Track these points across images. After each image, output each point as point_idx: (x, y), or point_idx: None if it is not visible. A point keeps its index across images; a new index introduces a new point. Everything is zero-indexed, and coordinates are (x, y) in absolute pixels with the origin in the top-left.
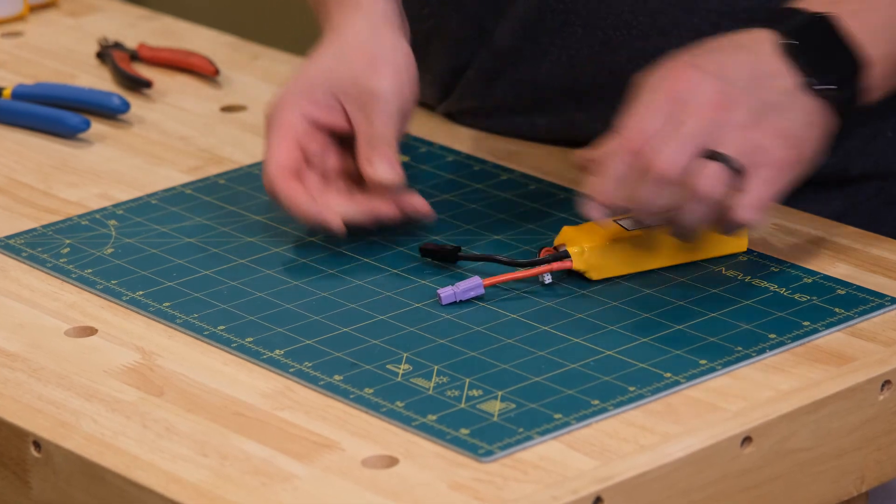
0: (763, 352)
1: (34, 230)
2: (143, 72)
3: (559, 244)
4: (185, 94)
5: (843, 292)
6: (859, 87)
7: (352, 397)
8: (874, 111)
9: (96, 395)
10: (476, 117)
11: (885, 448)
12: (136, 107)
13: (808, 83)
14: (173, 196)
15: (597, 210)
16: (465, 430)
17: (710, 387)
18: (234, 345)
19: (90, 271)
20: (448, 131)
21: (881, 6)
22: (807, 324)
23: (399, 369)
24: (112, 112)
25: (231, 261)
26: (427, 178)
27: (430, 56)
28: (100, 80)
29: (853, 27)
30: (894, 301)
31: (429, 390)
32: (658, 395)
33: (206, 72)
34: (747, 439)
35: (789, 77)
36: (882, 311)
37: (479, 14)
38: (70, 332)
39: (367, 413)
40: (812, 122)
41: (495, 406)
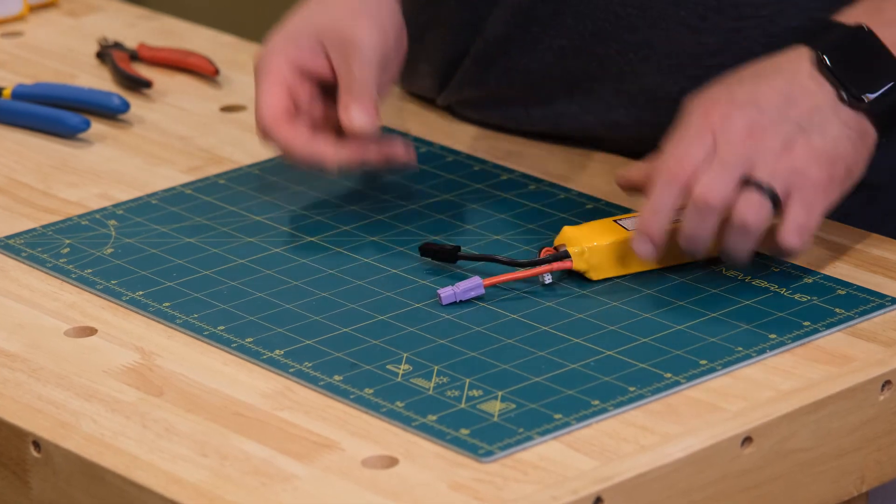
0: (763, 352)
1: (34, 230)
2: (143, 72)
3: (559, 244)
4: (185, 94)
5: (843, 292)
6: (895, 97)
7: (352, 397)
8: None
9: (96, 396)
10: (474, 108)
11: (886, 448)
12: (136, 107)
13: (842, 96)
14: (173, 196)
15: (645, 245)
16: (465, 431)
17: (710, 387)
18: (234, 345)
19: (90, 271)
20: (448, 131)
21: None
22: (807, 324)
23: (399, 369)
24: (112, 112)
25: (231, 261)
26: (427, 178)
27: (428, 46)
28: (100, 80)
29: (887, 38)
30: (895, 301)
31: (429, 390)
32: (658, 396)
33: (205, 72)
34: (748, 439)
35: (823, 94)
36: (882, 311)
37: (473, 2)
38: (70, 333)
39: (367, 413)
40: (849, 136)
41: (495, 406)
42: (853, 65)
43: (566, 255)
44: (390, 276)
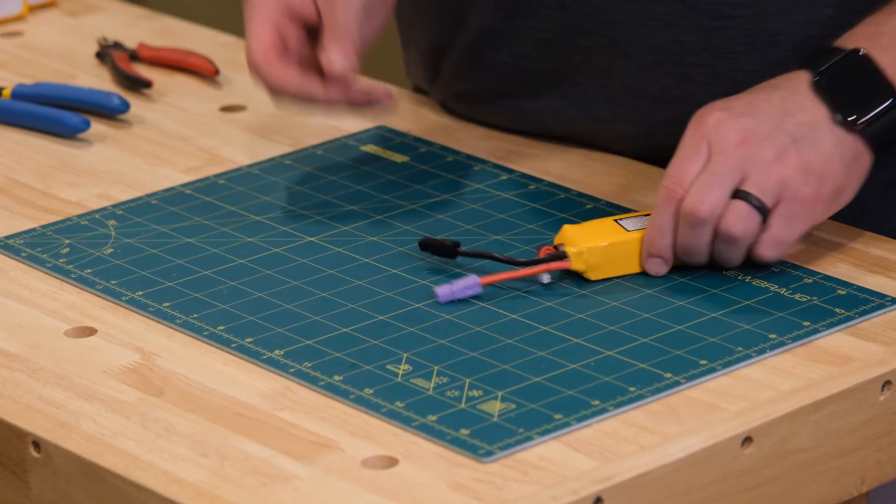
0: (763, 352)
1: (34, 230)
2: (143, 72)
3: (559, 243)
4: (185, 94)
5: (843, 292)
6: (892, 118)
7: (352, 398)
8: None
9: (96, 396)
10: (466, 102)
11: (886, 448)
12: (136, 107)
13: (837, 118)
14: (173, 196)
15: (653, 263)
16: (465, 431)
17: (710, 387)
18: (234, 345)
19: (90, 271)
20: (448, 131)
21: None
22: (807, 324)
23: (399, 369)
24: (112, 112)
25: (231, 261)
26: (427, 178)
27: (416, 33)
28: (99, 80)
29: (883, 62)
30: (895, 301)
31: (429, 390)
32: (658, 396)
33: (205, 72)
34: (748, 439)
35: (819, 112)
36: (882, 311)
37: None
38: (70, 333)
39: (367, 413)
40: (842, 155)
41: (495, 406)
42: (849, 88)
43: (564, 255)
44: (390, 276)
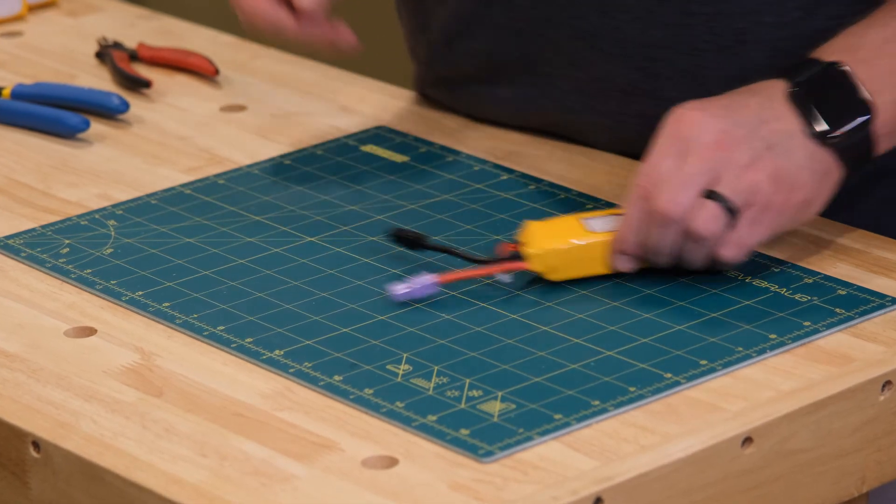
0: (763, 352)
1: (33, 230)
2: (143, 72)
3: (520, 241)
4: (185, 94)
5: (843, 292)
6: (867, 133)
7: (352, 398)
8: None
9: (96, 396)
10: (445, 88)
11: (886, 449)
12: (136, 107)
13: (810, 130)
14: (173, 196)
15: (622, 261)
16: (465, 431)
17: (710, 387)
18: (234, 345)
19: (89, 271)
20: (448, 131)
21: (892, 52)
22: (807, 324)
23: (399, 370)
24: (111, 112)
25: (231, 261)
26: (427, 178)
27: (402, 16)
28: (99, 80)
29: (862, 75)
30: (895, 301)
31: (429, 391)
32: (658, 396)
33: (205, 72)
34: (748, 440)
35: (794, 122)
36: (883, 311)
37: None
38: (69, 333)
39: (366, 413)
40: (814, 168)
41: (495, 406)
42: (825, 101)
43: (522, 257)
44: (390, 276)
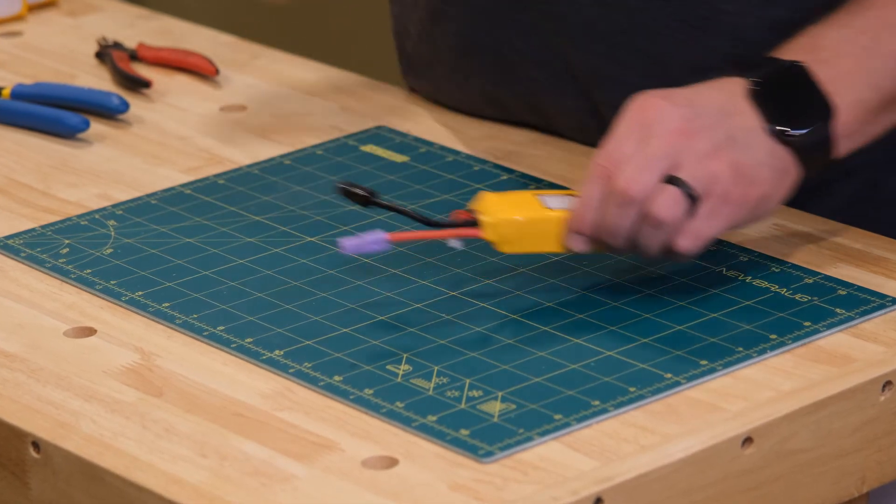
0: (764, 352)
1: (33, 230)
2: (143, 72)
3: (475, 209)
4: (185, 94)
5: (844, 293)
6: (826, 133)
7: (351, 398)
8: None
9: (95, 396)
10: (427, 77)
11: (886, 449)
12: (136, 107)
13: (770, 127)
14: (172, 196)
15: (576, 240)
16: (465, 431)
17: (710, 387)
18: (234, 345)
19: (89, 272)
20: (448, 131)
21: (853, 52)
22: (808, 324)
23: (399, 370)
24: (111, 112)
25: (231, 261)
26: (427, 178)
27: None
28: (99, 80)
29: (822, 75)
30: (895, 301)
31: (429, 391)
32: (658, 396)
33: (205, 72)
34: (748, 440)
35: (754, 118)
36: (883, 311)
37: None
38: (69, 333)
39: (366, 414)
40: (773, 165)
41: (495, 407)
42: (784, 99)
43: (477, 223)
44: (390, 276)
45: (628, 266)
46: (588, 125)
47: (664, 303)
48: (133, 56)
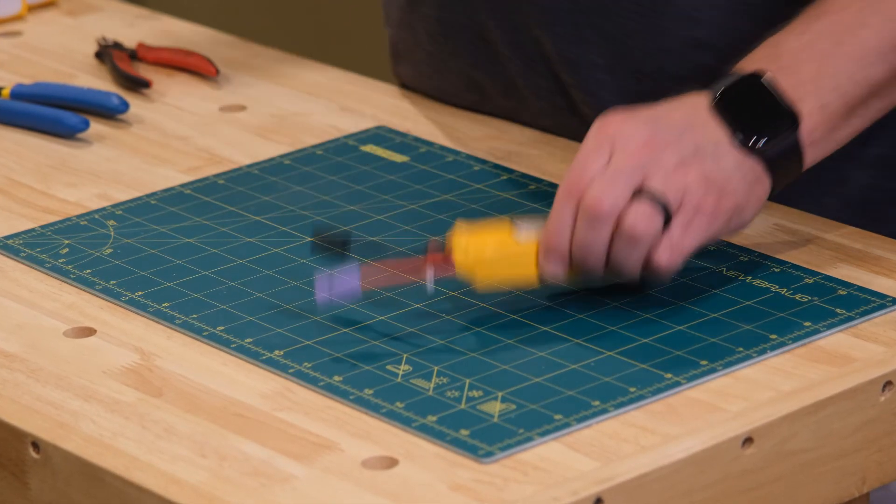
0: (764, 352)
1: (33, 230)
2: (143, 71)
3: (448, 244)
4: (185, 94)
5: (844, 293)
6: (793, 141)
7: (351, 398)
8: None
9: (95, 396)
10: (411, 64)
11: (887, 449)
12: (136, 107)
13: (736, 139)
14: (172, 196)
15: (551, 264)
16: (465, 431)
17: (710, 387)
18: (234, 345)
19: (89, 272)
20: (448, 131)
21: (814, 58)
22: (808, 324)
23: (399, 370)
24: (111, 112)
25: (230, 261)
26: (427, 178)
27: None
28: (99, 80)
29: (785, 83)
30: (895, 301)
31: (429, 391)
32: (659, 396)
33: (205, 72)
34: (748, 440)
35: (719, 131)
36: (883, 311)
37: None
38: (69, 333)
39: (366, 414)
40: (743, 176)
41: (495, 407)
42: (747, 110)
43: (449, 258)
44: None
45: None
46: (560, 106)
47: (664, 303)
48: (133, 56)
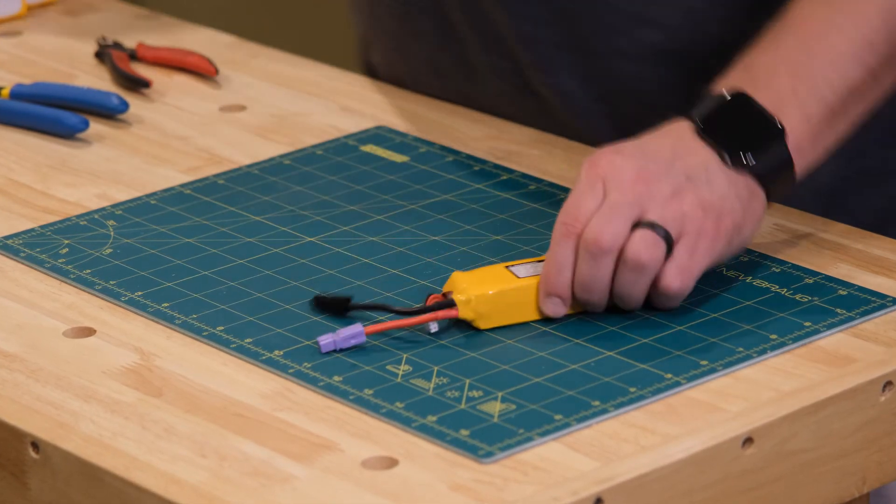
0: (764, 352)
1: (33, 230)
2: (142, 71)
3: (447, 291)
4: (184, 94)
5: (844, 293)
6: (782, 154)
7: (351, 398)
8: None
9: (95, 396)
10: (379, 53)
11: (887, 449)
12: (135, 107)
13: (725, 159)
14: (172, 196)
15: (552, 304)
16: (465, 431)
17: (711, 387)
18: (233, 345)
19: (89, 272)
20: (448, 131)
21: (789, 71)
22: (808, 324)
23: (399, 370)
24: (111, 112)
25: (230, 261)
26: (427, 178)
27: None
28: (98, 80)
29: (764, 99)
30: (895, 301)
31: (429, 391)
32: (659, 396)
33: (205, 71)
34: (748, 440)
35: (708, 154)
36: (884, 311)
37: None
38: (69, 333)
39: (366, 414)
40: (738, 194)
41: (495, 407)
42: (731, 129)
43: (452, 304)
44: (390, 277)
45: None
46: (518, 86)
47: None
48: (132, 56)
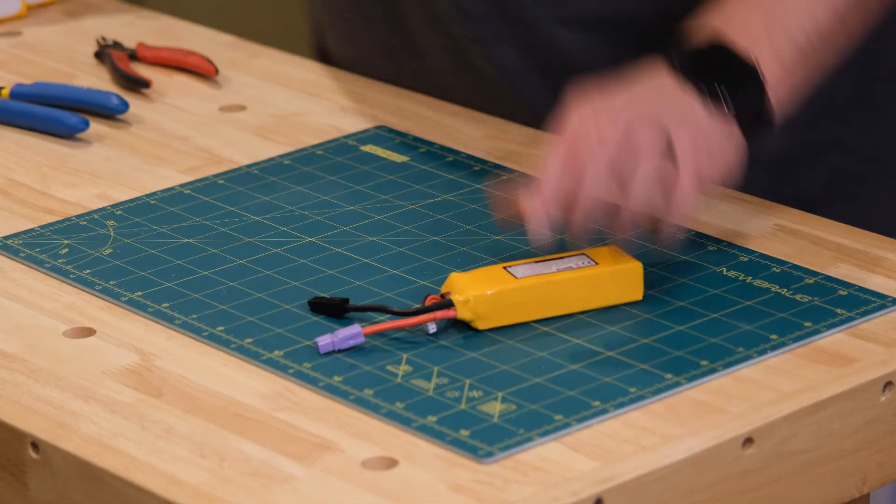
0: (764, 353)
1: (32, 230)
2: (142, 71)
3: (446, 291)
4: (184, 94)
5: (844, 293)
6: (757, 98)
7: (351, 398)
8: None
9: (95, 397)
10: (333, 40)
11: (887, 449)
12: (135, 107)
13: (703, 98)
14: (172, 196)
15: (540, 223)
16: (465, 432)
17: (711, 388)
18: (233, 346)
19: (89, 272)
20: (448, 131)
21: (761, 11)
22: (808, 324)
23: (399, 370)
24: (111, 112)
25: (230, 261)
26: (427, 178)
27: None
28: (98, 80)
29: (735, 37)
30: None
31: (429, 391)
32: (659, 397)
33: (205, 71)
34: (748, 440)
35: (687, 92)
36: (884, 311)
37: None
38: (68, 333)
39: (366, 414)
40: (720, 129)
41: (495, 407)
42: (709, 71)
43: (450, 304)
44: (390, 277)
45: None
46: (458, 61)
47: (665, 303)
48: (132, 56)
